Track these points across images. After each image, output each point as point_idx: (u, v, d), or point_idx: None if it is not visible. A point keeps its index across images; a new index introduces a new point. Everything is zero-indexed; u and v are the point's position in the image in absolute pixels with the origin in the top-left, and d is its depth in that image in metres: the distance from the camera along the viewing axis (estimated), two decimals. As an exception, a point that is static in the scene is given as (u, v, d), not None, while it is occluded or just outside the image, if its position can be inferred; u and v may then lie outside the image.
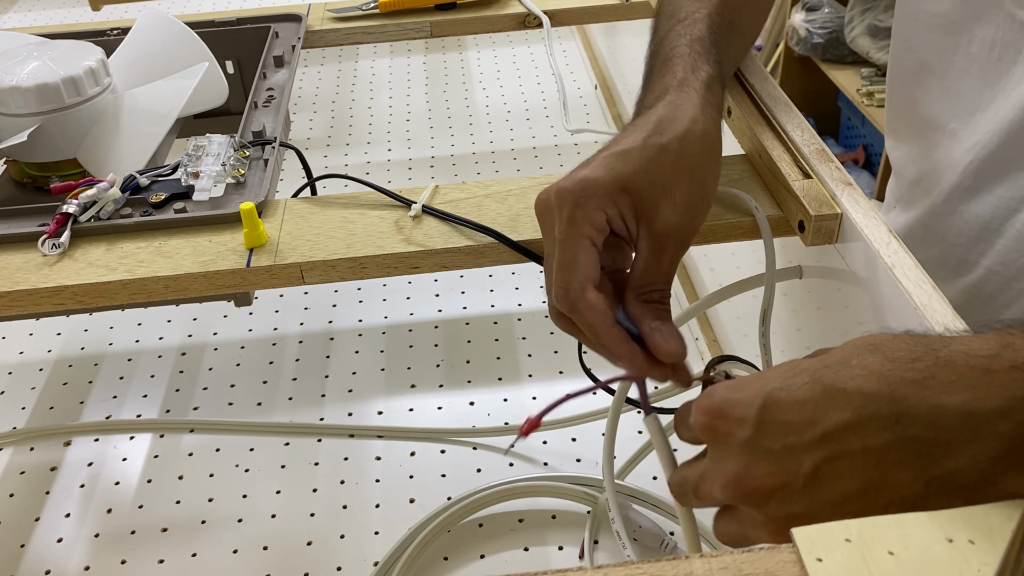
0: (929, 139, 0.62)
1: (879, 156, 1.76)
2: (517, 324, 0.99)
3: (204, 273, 0.58)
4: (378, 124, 1.39)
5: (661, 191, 0.47)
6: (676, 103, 0.49)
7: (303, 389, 0.92)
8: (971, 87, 0.57)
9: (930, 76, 0.61)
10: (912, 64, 0.62)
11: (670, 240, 0.47)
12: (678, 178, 0.47)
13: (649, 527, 0.67)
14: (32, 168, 0.72)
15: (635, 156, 0.47)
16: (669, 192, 0.47)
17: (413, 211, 0.62)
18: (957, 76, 0.58)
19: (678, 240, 0.47)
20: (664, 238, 0.47)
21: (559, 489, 0.77)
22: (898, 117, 0.67)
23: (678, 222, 0.47)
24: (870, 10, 1.73)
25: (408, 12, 0.95)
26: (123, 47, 0.81)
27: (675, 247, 0.47)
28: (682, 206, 0.47)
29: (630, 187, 0.46)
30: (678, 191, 0.47)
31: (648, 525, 0.67)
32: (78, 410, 0.91)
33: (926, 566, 0.35)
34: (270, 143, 0.69)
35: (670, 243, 0.47)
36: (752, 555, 0.36)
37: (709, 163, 0.49)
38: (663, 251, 0.47)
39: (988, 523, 0.36)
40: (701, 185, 0.48)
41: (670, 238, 0.47)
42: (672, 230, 0.47)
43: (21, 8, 1.84)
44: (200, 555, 0.76)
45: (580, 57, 1.56)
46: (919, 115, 0.63)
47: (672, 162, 0.47)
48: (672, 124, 0.48)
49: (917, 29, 0.61)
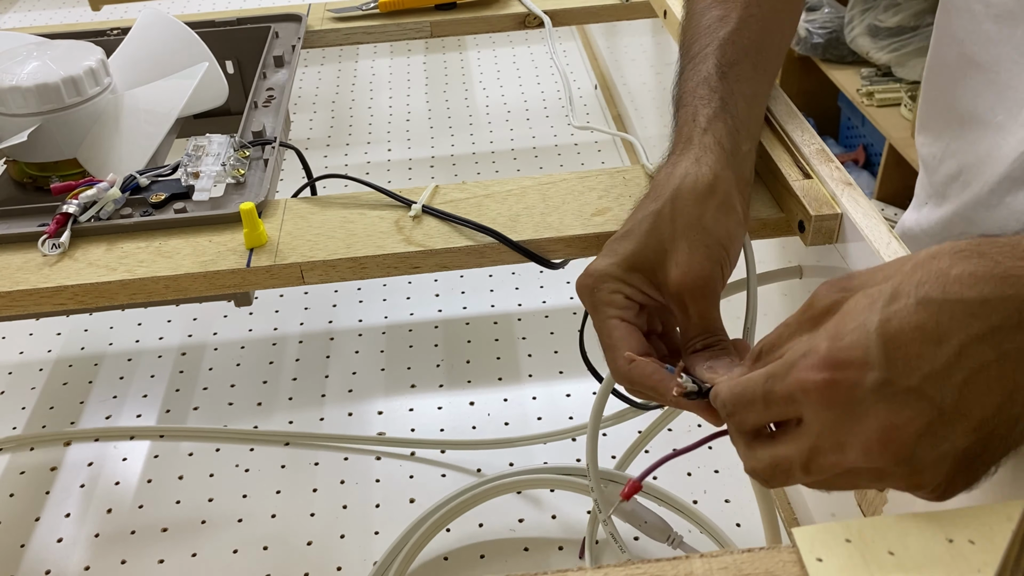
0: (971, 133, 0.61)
1: (879, 156, 1.76)
2: (517, 324, 0.99)
3: (204, 273, 0.58)
4: (378, 124, 1.39)
5: (663, 255, 0.49)
6: (674, 162, 0.52)
7: (303, 389, 0.92)
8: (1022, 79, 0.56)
9: (975, 68, 0.59)
10: (955, 57, 0.61)
11: (686, 295, 0.48)
12: (676, 237, 0.49)
13: (655, 522, 0.67)
14: (32, 168, 0.72)
15: (635, 234, 0.50)
16: (670, 253, 0.48)
17: (413, 211, 0.62)
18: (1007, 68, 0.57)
19: (694, 293, 0.48)
20: (679, 296, 0.48)
21: (559, 482, 0.76)
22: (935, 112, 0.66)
23: (684, 279, 0.48)
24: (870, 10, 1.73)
25: (408, 12, 0.95)
26: (123, 47, 0.81)
27: (695, 300, 0.48)
28: (684, 263, 0.48)
29: (636, 264, 0.49)
30: (678, 250, 0.48)
31: (654, 520, 0.67)
32: (78, 410, 0.91)
33: (926, 566, 0.35)
34: (270, 143, 0.69)
35: (688, 298, 0.48)
36: (752, 555, 0.36)
37: (708, 209, 0.49)
38: (686, 307, 0.48)
39: (988, 523, 0.36)
40: (702, 234, 0.49)
41: (685, 294, 0.48)
42: (682, 287, 0.48)
43: (21, 8, 1.85)
44: (200, 555, 0.76)
45: (580, 57, 1.56)
46: (960, 109, 0.62)
47: (667, 224, 0.49)
48: (665, 186, 0.51)
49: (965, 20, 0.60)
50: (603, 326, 0.49)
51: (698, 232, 0.49)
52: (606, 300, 0.49)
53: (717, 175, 0.50)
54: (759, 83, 0.58)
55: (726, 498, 0.80)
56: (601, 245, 0.52)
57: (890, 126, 1.67)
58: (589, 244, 0.60)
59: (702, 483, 0.81)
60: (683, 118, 0.55)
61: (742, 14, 0.58)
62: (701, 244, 0.48)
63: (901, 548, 0.36)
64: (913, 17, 1.68)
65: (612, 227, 0.59)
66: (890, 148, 1.67)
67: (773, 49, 0.60)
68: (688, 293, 0.48)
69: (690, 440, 0.47)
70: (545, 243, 0.59)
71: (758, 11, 0.59)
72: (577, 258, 0.61)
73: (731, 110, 0.54)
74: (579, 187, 0.64)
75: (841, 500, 0.65)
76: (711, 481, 0.81)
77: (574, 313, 1.00)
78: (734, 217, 0.50)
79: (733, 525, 0.76)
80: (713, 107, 0.54)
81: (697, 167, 0.51)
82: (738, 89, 0.55)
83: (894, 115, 1.69)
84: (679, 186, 0.50)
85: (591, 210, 0.61)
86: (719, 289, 0.49)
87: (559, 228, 0.60)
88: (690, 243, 0.48)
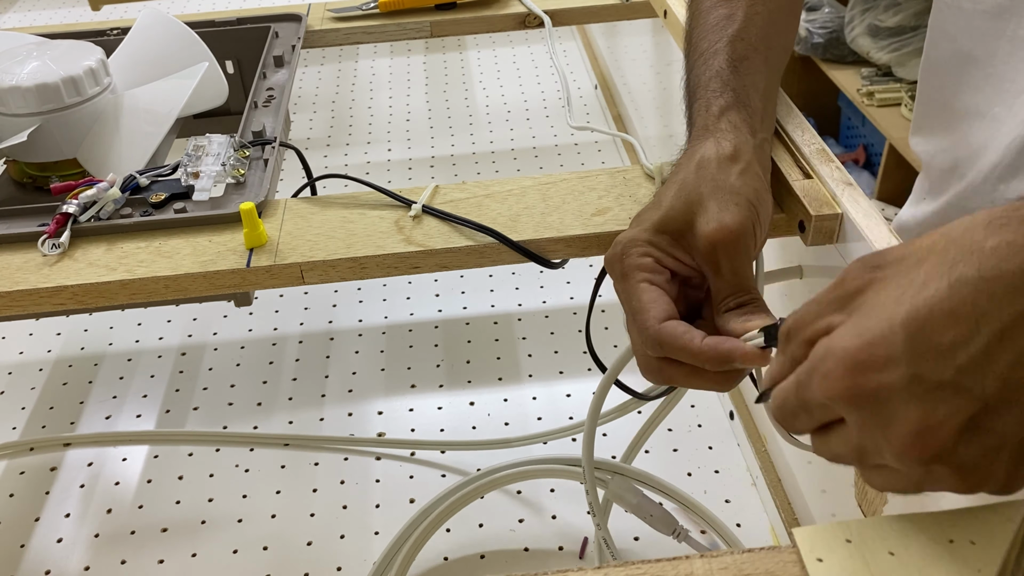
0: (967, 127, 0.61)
1: (879, 156, 1.76)
2: (517, 324, 0.99)
3: (204, 273, 0.58)
4: (378, 124, 1.39)
5: (691, 215, 0.48)
6: (693, 147, 0.52)
7: (303, 389, 0.92)
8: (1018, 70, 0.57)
9: (970, 64, 0.60)
10: (950, 54, 0.61)
11: (719, 249, 0.47)
12: (704, 199, 0.48)
13: (661, 515, 0.67)
14: (32, 168, 0.72)
15: (662, 201, 0.50)
16: (699, 213, 0.48)
17: (413, 211, 0.62)
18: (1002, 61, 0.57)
19: (727, 247, 0.47)
20: (712, 251, 0.48)
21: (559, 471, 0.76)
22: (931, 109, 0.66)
23: (716, 233, 0.47)
24: (870, 10, 1.73)
25: (408, 12, 0.95)
26: (123, 47, 0.81)
27: (727, 255, 0.48)
28: (716, 218, 0.47)
29: (663, 227, 0.49)
30: (708, 208, 0.48)
31: (660, 513, 0.67)
32: (78, 410, 0.91)
33: (926, 566, 0.35)
34: (270, 143, 0.69)
35: (721, 252, 0.47)
36: (752, 555, 0.36)
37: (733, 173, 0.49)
38: (716, 263, 0.48)
39: (988, 523, 0.36)
40: (730, 192, 0.48)
41: (719, 248, 0.47)
42: (716, 241, 0.47)
43: (21, 8, 1.85)
44: (200, 555, 0.76)
45: (580, 57, 1.56)
46: (956, 105, 0.62)
47: (694, 188, 0.49)
48: (687, 163, 0.51)
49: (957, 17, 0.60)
50: (633, 290, 0.48)
51: (726, 191, 0.49)
52: (635, 264, 0.48)
53: (736, 148, 0.51)
54: (769, 77, 0.58)
55: (726, 498, 0.80)
56: (601, 245, 0.52)
57: (890, 126, 1.67)
58: (589, 244, 0.60)
59: (702, 483, 0.81)
60: (697, 110, 0.55)
61: (748, 12, 0.58)
62: (731, 201, 0.48)
63: (901, 548, 0.36)
64: (913, 17, 1.68)
65: (612, 227, 0.59)
66: (890, 148, 1.67)
67: (779, 44, 0.61)
68: (721, 247, 0.47)
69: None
70: (545, 243, 0.59)
71: (763, 8, 0.59)
72: (577, 258, 0.61)
73: (744, 101, 0.55)
74: (579, 187, 0.64)
75: (841, 500, 0.65)
76: (711, 481, 0.81)
77: (574, 313, 1.00)
78: (759, 181, 0.50)
79: (733, 525, 0.76)
80: (727, 99, 0.54)
81: (716, 143, 0.51)
82: (750, 82, 0.56)
83: (894, 115, 1.69)
84: (702, 157, 0.50)
85: (591, 210, 0.61)
86: (752, 247, 0.48)
87: (559, 228, 0.60)
88: (719, 201, 0.48)
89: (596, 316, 0.58)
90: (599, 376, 0.57)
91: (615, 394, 0.58)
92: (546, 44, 0.92)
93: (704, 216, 0.48)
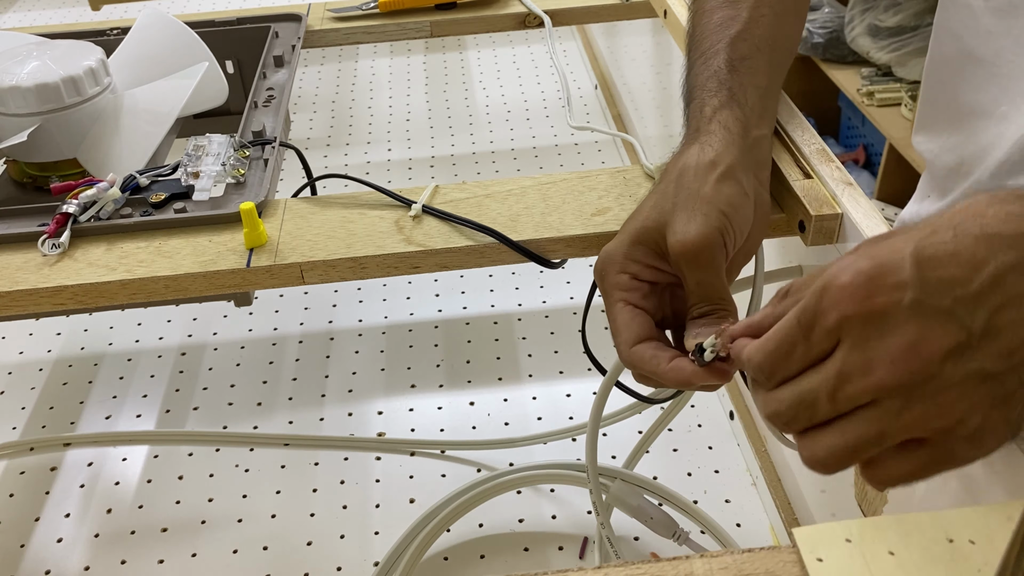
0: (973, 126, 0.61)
1: (879, 156, 1.76)
2: (517, 324, 0.99)
3: (204, 273, 0.58)
4: (378, 124, 1.39)
5: (664, 226, 0.49)
6: (681, 151, 0.53)
7: (303, 389, 0.92)
8: None
9: (976, 63, 0.60)
10: (955, 51, 0.61)
11: (683, 261, 0.48)
12: (676, 208, 0.49)
13: (661, 518, 0.67)
14: (32, 168, 0.72)
15: (640, 211, 0.51)
16: (670, 223, 0.49)
17: (413, 211, 0.62)
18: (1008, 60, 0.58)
19: (690, 259, 0.48)
20: (675, 263, 0.48)
21: (561, 477, 0.76)
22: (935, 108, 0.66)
23: (680, 245, 0.48)
24: (870, 10, 1.73)
25: (408, 12, 0.95)
26: (123, 47, 0.81)
27: (691, 267, 0.48)
28: (681, 230, 0.48)
29: (640, 238, 0.50)
30: (676, 219, 0.49)
31: (660, 516, 0.67)
32: (78, 410, 0.91)
33: (926, 566, 0.35)
34: (270, 143, 0.69)
35: (684, 265, 0.48)
36: (752, 555, 0.36)
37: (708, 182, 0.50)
38: (685, 275, 0.49)
39: (988, 523, 0.36)
40: (699, 202, 0.49)
41: (682, 260, 0.48)
42: (679, 254, 0.48)
43: (21, 8, 1.85)
44: (200, 555, 0.76)
45: (580, 57, 1.56)
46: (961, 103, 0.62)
47: (670, 198, 0.50)
48: (671, 170, 0.52)
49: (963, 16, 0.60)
50: (609, 311, 0.50)
51: (695, 201, 0.49)
52: (613, 283, 0.50)
53: (719, 153, 0.51)
54: (772, 76, 0.58)
55: (726, 498, 0.80)
56: (601, 245, 0.52)
57: (890, 126, 1.67)
58: (589, 244, 0.60)
59: (702, 483, 0.81)
60: (692, 111, 0.56)
61: (752, 14, 0.59)
62: (698, 212, 0.49)
63: (901, 548, 0.36)
64: (913, 17, 1.68)
65: (612, 227, 0.59)
66: (890, 148, 1.67)
67: (784, 44, 0.61)
68: (684, 259, 0.48)
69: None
70: (545, 243, 0.59)
71: (768, 11, 0.59)
72: (577, 258, 0.61)
73: (739, 99, 0.55)
74: (579, 187, 0.64)
75: (841, 500, 0.65)
76: (711, 481, 0.81)
77: (574, 313, 1.00)
78: (736, 188, 0.51)
79: (733, 525, 0.76)
80: (721, 98, 0.55)
81: (700, 149, 0.52)
82: (749, 81, 0.56)
83: (894, 115, 1.69)
84: (683, 165, 0.51)
85: (591, 210, 0.61)
86: (720, 257, 0.49)
87: (559, 228, 0.60)
88: (688, 211, 0.49)
89: (595, 317, 0.58)
90: (599, 376, 0.57)
91: (616, 395, 0.58)
92: (546, 44, 0.92)
93: (671, 228, 0.49)
